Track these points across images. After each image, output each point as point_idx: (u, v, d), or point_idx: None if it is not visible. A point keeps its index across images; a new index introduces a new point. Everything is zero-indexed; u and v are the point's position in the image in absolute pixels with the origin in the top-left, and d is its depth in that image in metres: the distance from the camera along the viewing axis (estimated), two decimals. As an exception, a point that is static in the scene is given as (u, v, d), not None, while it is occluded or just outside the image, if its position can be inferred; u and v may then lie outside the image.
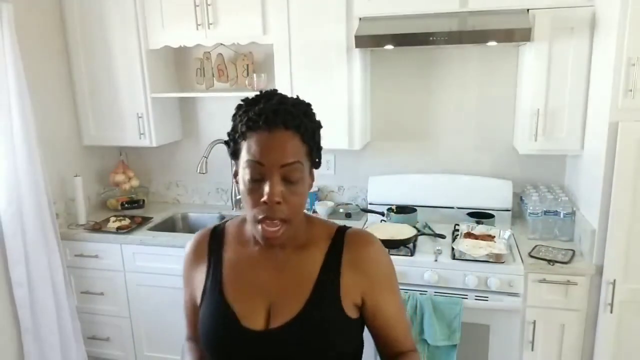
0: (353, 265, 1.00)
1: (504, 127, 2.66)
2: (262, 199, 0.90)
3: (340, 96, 2.47)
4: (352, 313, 1.00)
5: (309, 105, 0.97)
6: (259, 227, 0.92)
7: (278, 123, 0.89)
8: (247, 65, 2.80)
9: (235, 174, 0.98)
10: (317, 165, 0.98)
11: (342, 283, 0.99)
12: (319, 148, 0.98)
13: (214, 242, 1.07)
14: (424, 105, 2.74)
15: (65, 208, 2.85)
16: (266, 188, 0.89)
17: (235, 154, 0.96)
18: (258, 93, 0.96)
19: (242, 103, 0.96)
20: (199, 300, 1.04)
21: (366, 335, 1.08)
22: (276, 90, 0.97)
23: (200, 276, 1.05)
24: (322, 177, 2.95)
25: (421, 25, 2.25)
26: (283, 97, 0.94)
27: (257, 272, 1.01)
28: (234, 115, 0.96)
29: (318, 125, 0.97)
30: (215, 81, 2.86)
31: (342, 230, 1.04)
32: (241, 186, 0.94)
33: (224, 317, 0.98)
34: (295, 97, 0.97)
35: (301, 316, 0.96)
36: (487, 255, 2.15)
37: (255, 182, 0.91)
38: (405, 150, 2.81)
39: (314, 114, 0.97)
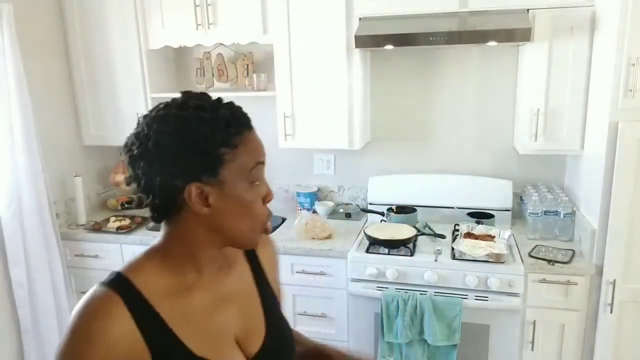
0: (268, 264, 1.03)
1: (504, 127, 2.66)
2: (269, 198, 0.87)
3: (340, 96, 2.47)
4: None
5: None
6: (262, 231, 0.88)
7: (249, 121, 0.87)
8: (247, 65, 2.80)
9: (196, 195, 0.80)
10: None
11: (270, 284, 1.02)
12: None
13: (134, 307, 0.79)
14: (424, 105, 2.74)
15: (65, 208, 2.85)
16: (268, 185, 0.88)
17: (213, 169, 0.80)
18: (182, 98, 0.84)
19: (195, 112, 0.80)
20: None
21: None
22: (203, 92, 0.87)
23: (140, 353, 0.79)
24: (322, 177, 2.95)
25: (421, 25, 2.25)
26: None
27: (212, 313, 0.88)
28: (200, 124, 0.79)
29: None
30: (215, 81, 2.86)
31: None
32: (238, 196, 0.83)
33: None
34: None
35: (270, 333, 0.94)
36: (487, 255, 2.15)
37: (256, 186, 0.85)
38: (405, 150, 2.81)
39: None
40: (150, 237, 2.61)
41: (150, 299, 0.81)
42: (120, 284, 0.80)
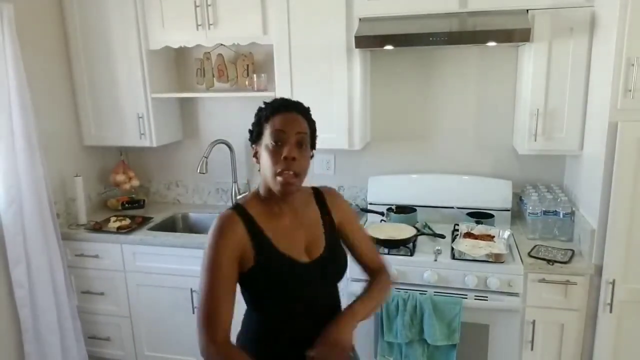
0: (334, 206, 1.48)
1: (504, 127, 2.66)
2: (283, 155, 1.25)
3: (340, 96, 2.47)
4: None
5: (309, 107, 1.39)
6: (278, 178, 1.26)
7: (292, 108, 1.33)
8: (247, 65, 2.81)
9: (255, 154, 1.35)
10: (314, 146, 1.38)
11: (334, 219, 1.46)
12: (315, 137, 1.39)
13: (246, 221, 1.32)
14: (423, 105, 2.75)
15: (65, 208, 2.86)
16: (287, 148, 1.26)
17: (258, 136, 1.32)
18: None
19: (263, 104, 1.35)
20: (250, 265, 1.29)
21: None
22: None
23: (247, 248, 1.30)
24: (322, 177, 2.96)
25: (421, 25, 2.25)
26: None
27: (291, 231, 1.37)
28: (259, 111, 1.34)
29: (314, 122, 1.40)
30: (215, 81, 2.86)
31: (316, 189, 1.50)
32: (264, 153, 1.29)
33: (284, 260, 1.33)
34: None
35: (326, 248, 1.40)
36: (487, 255, 2.15)
37: (278, 147, 1.27)
38: (405, 150, 2.82)
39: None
40: (150, 237, 2.62)
41: (255, 218, 1.33)
42: (239, 210, 1.33)
